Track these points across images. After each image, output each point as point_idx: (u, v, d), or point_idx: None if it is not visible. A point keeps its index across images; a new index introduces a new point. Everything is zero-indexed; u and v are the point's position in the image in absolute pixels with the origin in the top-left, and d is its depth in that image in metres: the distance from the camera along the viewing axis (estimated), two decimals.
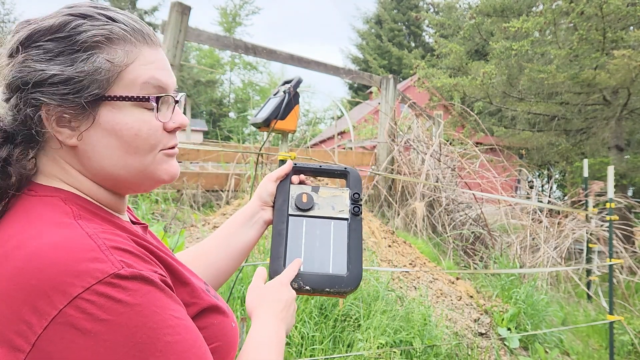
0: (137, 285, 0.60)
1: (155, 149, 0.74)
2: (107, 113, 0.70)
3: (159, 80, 0.73)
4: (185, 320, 0.65)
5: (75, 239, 0.61)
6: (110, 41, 0.70)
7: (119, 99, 0.70)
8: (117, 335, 0.57)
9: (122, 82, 0.70)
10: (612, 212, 4.13)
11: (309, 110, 30.07)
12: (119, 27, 0.71)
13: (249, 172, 5.76)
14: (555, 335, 4.07)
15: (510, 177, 8.80)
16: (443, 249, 5.81)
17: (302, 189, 1.02)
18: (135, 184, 0.76)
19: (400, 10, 27.62)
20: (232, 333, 0.77)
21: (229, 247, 1.02)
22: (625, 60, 7.13)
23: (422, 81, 10.28)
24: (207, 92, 28.60)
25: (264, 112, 2.27)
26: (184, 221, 4.84)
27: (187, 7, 4.37)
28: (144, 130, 0.72)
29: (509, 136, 10.58)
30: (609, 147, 9.12)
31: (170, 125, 0.76)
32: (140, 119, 0.71)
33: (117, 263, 0.60)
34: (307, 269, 0.93)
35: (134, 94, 0.71)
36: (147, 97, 0.71)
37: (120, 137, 0.70)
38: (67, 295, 0.56)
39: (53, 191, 0.70)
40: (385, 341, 2.98)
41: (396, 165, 6.51)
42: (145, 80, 0.72)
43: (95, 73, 0.68)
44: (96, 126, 0.70)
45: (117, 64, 0.69)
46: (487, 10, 10.09)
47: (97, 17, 0.71)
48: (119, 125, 0.70)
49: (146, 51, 0.73)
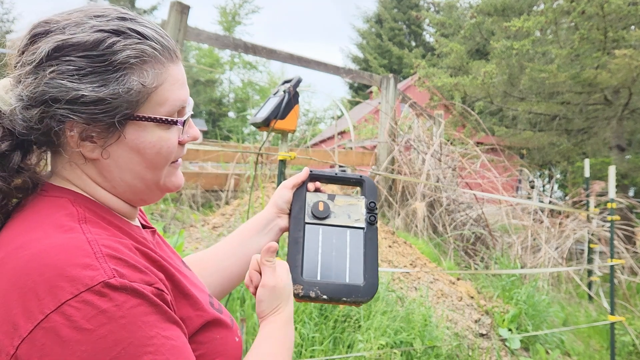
0: (125, 297, 0.58)
1: (168, 163, 0.76)
2: (133, 132, 0.71)
3: (183, 100, 0.75)
4: (174, 340, 0.62)
5: (74, 244, 0.61)
6: (142, 62, 0.69)
7: (147, 119, 0.71)
8: (95, 346, 0.56)
9: (151, 103, 0.71)
10: (614, 212, 4.12)
11: (309, 110, 30.06)
12: (151, 47, 0.71)
13: (248, 172, 5.75)
14: (556, 335, 4.06)
15: (511, 177, 8.78)
16: (444, 249, 5.79)
17: (319, 197, 1.02)
18: (148, 196, 0.78)
19: (400, 10, 27.60)
20: (234, 347, 0.76)
21: (244, 253, 1.01)
22: (626, 59, 7.11)
23: (423, 81, 10.26)
24: (207, 92, 28.61)
25: (264, 111, 2.26)
26: (183, 221, 4.83)
27: (186, 6, 4.35)
28: (165, 148, 0.73)
29: (510, 136, 10.56)
30: (610, 147, 9.11)
31: (185, 139, 0.77)
32: (163, 137, 0.73)
33: (109, 271, 0.59)
34: (324, 278, 0.92)
35: (161, 116, 0.72)
36: (176, 121, 0.73)
37: (143, 154, 0.72)
38: (56, 300, 0.56)
39: (63, 192, 0.71)
40: (386, 342, 2.97)
41: (397, 165, 6.50)
42: (172, 102, 0.73)
43: (127, 95, 0.68)
44: (120, 143, 0.71)
45: (148, 86, 0.70)
46: (488, 9, 10.07)
47: (130, 34, 0.70)
48: (143, 143, 0.71)
49: (172, 70, 0.74)
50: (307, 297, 0.90)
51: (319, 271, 0.93)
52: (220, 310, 0.78)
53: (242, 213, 4.38)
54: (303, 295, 0.90)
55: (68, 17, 0.70)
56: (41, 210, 0.68)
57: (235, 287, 1.03)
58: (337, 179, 1.07)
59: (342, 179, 1.07)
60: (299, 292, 0.90)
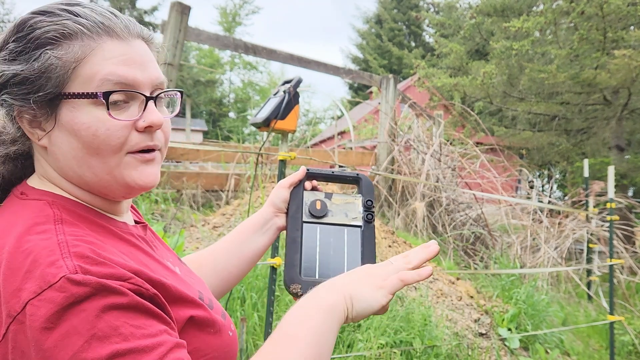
0: (88, 290, 0.56)
1: (120, 151, 0.69)
2: (67, 112, 0.68)
3: (121, 75, 0.68)
4: (145, 328, 0.59)
5: (43, 245, 0.60)
6: (64, 37, 0.67)
7: (72, 96, 0.67)
8: (59, 342, 0.55)
9: (79, 79, 0.67)
10: (613, 212, 4.13)
11: (309, 110, 30.07)
12: (75, 21, 0.67)
13: (249, 172, 5.76)
14: (555, 335, 4.06)
15: (510, 177, 8.79)
16: (443, 249, 5.80)
17: (316, 196, 1.01)
18: (106, 188, 0.72)
19: (400, 10, 27.60)
20: (228, 342, 0.75)
21: (241, 252, 1.01)
22: (625, 60, 7.12)
23: (423, 81, 10.27)
24: (207, 92, 28.59)
25: (264, 112, 2.26)
26: (183, 221, 4.84)
27: (186, 6, 4.36)
28: (102, 130, 0.67)
29: (510, 136, 10.57)
30: (609, 147, 9.11)
31: (140, 124, 0.70)
32: (97, 117, 0.67)
33: (71, 267, 0.58)
34: (323, 276, 0.92)
35: (88, 91, 0.67)
36: (95, 94, 0.67)
37: (79, 137, 0.67)
38: (21, 302, 0.56)
39: (42, 194, 0.70)
40: (386, 341, 2.97)
41: (396, 165, 6.50)
42: (103, 76, 0.67)
43: (47, 71, 0.66)
44: (59, 126, 0.69)
45: (68, 60, 0.66)
46: (488, 9, 10.08)
47: (58, 12, 0.68)
48: (77, 125, 0.67)
49: (108, 45, 0.68)
50: None
51: (317, 270, 0.93)
52: (211, 305, 0.77)
53: (243, 213, 4.39)
54: (302, 294, 0.90)
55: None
56: (18, 214, 0.67)
57: (234, 287, 1.02)
58: (334, 177, 1.07)
59: (339, 177, 1.07)
60: (298, 291, 0.90)
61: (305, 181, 1.03)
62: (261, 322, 2.88)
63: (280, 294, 3.14)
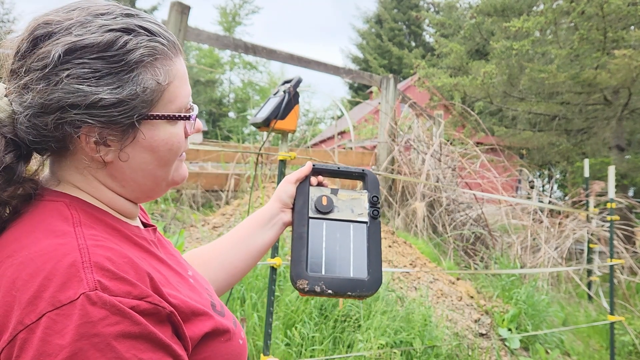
0: (104, 313, 0.56)
1: (178, 158, 0.76)
2: (147, 131, 0.70)
3: (189, 93, 0.75)
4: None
5: (62, 251, 0.59)
6: (154, 59, 0.68)
7: (162, 117, 0.70)
8: None
9: (163, 100, 0.70)
10: (613, 212, 4.12)
11: (309, 110, 30.04)
12: (160, 43, 0.70)
13: (248, 172, 5.76)
14: (556, 335, 4.06)
15: (510, 177, 8.79)
16: (443, 249, 5.80)
17: (322, 191, 1.02)
18: (155, 192, 0.77)
19: (400, 10, 27.60)
20: (238, 351, 0.75)
21: (247, 248, 1.01)
22: (626, 60, 7.12)
23: (423, 81, 10.27)
24: (207, 92, 28.58)
25: (264, 111, 2.26)
26: (183, 221, 4.84)
27: (186, 6, 4.35)
28: (176, 144, 0.73)
29: (510, 136, 10.57)
30: (609, 147, 9.11)
31: (191, 132, 0.77)
32: (174, 133, 0.72)
33: (91, 283, 0.57)
34: (329, 272, 0.93)
35: (173, 112, 0.72)
36: (189, 117, 0.73)
37: (156, 152, 0.71)
38: (37, 312, 0.55)
39: (60, 195, 0.69)
40: (386, 342, 2.97)
41: (396, 165, 6.50)
42: (182, 98, 0.73)
43: (143, 94, 0.67)
44: (134, 143, 0.69)
45: (162, 84, 0.69)
46: (488, 9, 10.08)
47: (139, 31, 0.68)
48: (156, 142, 0.71)
49: (179, 65, 0.73)
50: (312, 291, 0.90)
51: (323, 266, 0.93)
52: (223, 312, 0.76)
53: (242, 213, 4.39)
54: (308, 290, 0.90)
55: (69, 16, 0.66)
56: (36, 215, 0.66)
57: (239, 281, 1.03)
58: (340, 172, 1.07)
59: (345, 172, 1.07)
60: (305, 287, 0.90)
61: (311, 177, 1.04)
62: (261, 322, 2.88)
63: (280, 294, 3.14)
